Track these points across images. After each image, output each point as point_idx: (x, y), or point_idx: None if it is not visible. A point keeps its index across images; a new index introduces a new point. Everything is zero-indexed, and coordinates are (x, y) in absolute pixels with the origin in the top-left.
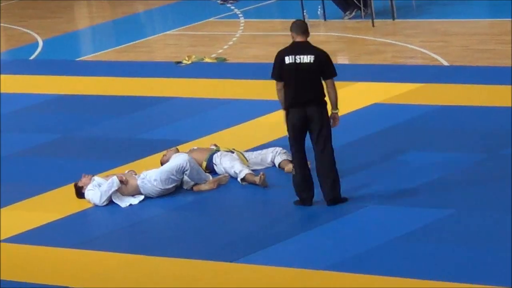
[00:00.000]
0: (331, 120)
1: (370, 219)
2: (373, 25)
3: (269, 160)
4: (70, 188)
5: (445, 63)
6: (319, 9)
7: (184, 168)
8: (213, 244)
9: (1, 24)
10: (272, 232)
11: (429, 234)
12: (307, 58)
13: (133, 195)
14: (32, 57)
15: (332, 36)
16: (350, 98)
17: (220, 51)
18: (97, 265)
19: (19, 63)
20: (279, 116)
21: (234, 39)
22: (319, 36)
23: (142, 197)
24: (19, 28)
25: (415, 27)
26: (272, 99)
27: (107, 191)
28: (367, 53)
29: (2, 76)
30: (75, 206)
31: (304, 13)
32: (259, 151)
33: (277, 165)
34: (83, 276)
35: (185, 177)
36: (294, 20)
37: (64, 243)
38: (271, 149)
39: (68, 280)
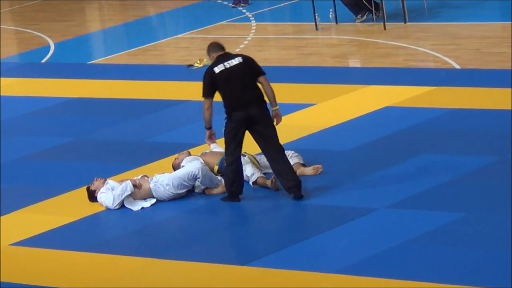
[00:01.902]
0: (274, 119)
1: (381, 222)
2: (384, 28)
3: None
4: (82, 191)
5: (457, 66)
6: (331, 12)
7: (197, 175)
8: (224, 247)
9: (14, 27)
10: (283, 235)
11: (440, 237)
12: (235, 61)
13: (145, 199)
14: (43, 60)
15: (343, 39)
16: (362, 101)
17: None
18: (109, 268)
19: (31, 66)
20: (291, 119)
21: (246, 42)
22: (331, 39)
23: (154, 200)
24: (31, 31)
25: (427, 30)
26: (284, 102)
27: (120, 195)
28: (379, 56)
29: (13, 79)
30: (87, 209)
31: (316, 16)
32: None
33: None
34: (95, 279)
35: (197, 182)
36: (210, 42)
37: (77, 246)
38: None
39: (80, 284)
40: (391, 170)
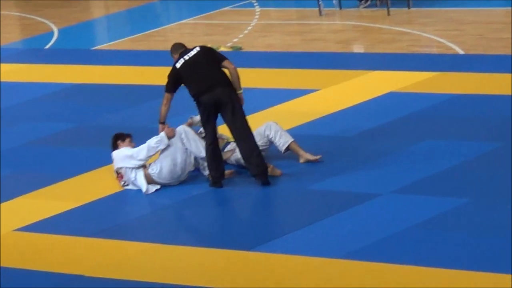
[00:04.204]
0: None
1: (385, 208)
2: (388, 14)
3: (263, 133)
4: (86, 177)
5: (461, 52)
6: None
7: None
8: (229, 233)
9: (17, 14)
10: (287, 221)
11: (444, 222)
12: (193, 52)
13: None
14: (47, 46)
15: (347, 25)
16: (365, 86)
17: (236, 40)
18: (114, 254)
19: (35, 52)
20: (295, 104)
21: (250, 28)
22: (335, 25)
23: (158, 186)
24: (34, 17)
25: (430, 15)
26: (287, 87)
27: (155, 147)
28: (383, 42)
29: (17, 65)
30: (92, 194)
31: (320, 2)
32: (257, 130)
33: (283, 148)
34: (99, 265)
35: (191, 150)
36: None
37: (81, 232)
38: (263, 126)
39: (84, 269)
40: (395, 156)
